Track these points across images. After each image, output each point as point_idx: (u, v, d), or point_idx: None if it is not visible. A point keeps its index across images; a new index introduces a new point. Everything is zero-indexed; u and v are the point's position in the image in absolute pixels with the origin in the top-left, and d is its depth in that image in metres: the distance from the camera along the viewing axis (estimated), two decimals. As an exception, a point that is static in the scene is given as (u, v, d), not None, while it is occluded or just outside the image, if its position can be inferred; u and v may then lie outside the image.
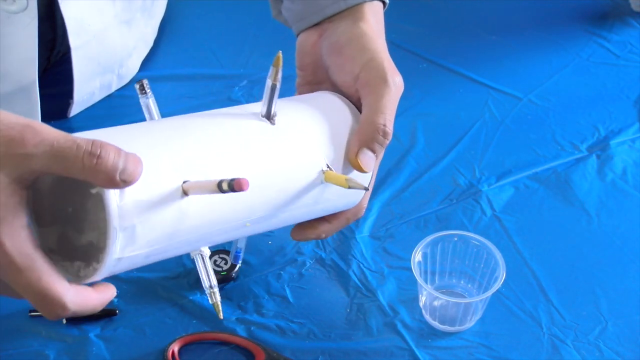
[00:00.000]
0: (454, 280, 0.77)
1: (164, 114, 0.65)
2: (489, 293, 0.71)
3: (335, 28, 0.70)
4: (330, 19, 0.70)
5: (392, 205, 0.84)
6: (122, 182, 0.49)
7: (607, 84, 0.99)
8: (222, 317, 0.64)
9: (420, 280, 0.71)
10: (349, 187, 0.62)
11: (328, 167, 0.63)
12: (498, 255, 0.73)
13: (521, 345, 0.73)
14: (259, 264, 0.79)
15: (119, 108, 0.93)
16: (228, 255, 0.77)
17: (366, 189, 0.63)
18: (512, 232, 0.82)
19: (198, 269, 0.64)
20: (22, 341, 0.72)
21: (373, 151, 0.65)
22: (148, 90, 0.63)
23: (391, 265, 0.79)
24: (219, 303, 0.64)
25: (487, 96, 0.97)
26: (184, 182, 0.54)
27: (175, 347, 0.71)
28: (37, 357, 0.71)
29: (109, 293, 0.56)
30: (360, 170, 0.65)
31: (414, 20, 1.07)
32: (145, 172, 0.51)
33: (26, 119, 0.49)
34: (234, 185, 0.52)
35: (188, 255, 0.79)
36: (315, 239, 0.72)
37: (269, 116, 0.62)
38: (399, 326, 0.74)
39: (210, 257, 0.77)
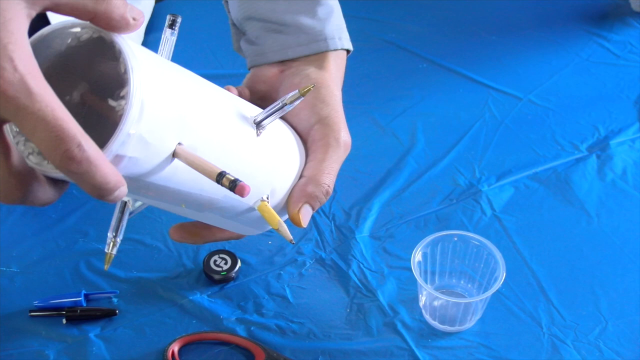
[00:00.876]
0: (454, 280, 0.77)
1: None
2: (489, 293, 0.71)
3: (299, 70, 0.70)
4: (293, 59, 0.71)
5: (392, 205, 0.84)
6: (132, 19, 0.47)
7: (607, 84, 0.99)
8: (106, 269, 0.60)
9: (420, 280, 0.71)
10: (277, 230, 0.63)
11: (267, 199, 0.64)
12: (498, 255, 0.73)
13: (521, 345, 0.73)
14: (259, 264, 0.79)
15: None
16: (228, 255, 0.77)
17: (293, 242, 0.65)
18: (512, 232, 0.82)
19: (115, 213, 0.61)
20: (22, 341, 0.72)
21: (313, 208, 0.66)
22: (176, 28, 0.61)
23: (391, 265, 0.79)
24: (112, 255, 0.60)
25: (487, 96, 0.97)
26: (179, 144, 0.53)
27: (175, 347, 0.71)
28: (37, 357, 0.71)
29: (122, 181, 0.48)
30: (299, 225, 0.66)
31: (414, 20, 1.07)
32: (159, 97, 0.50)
33: None
34: (236, 188, 0.52)
35: (188, 255, 0.79)
36: (192, 244, 0.72)
37: (258, 125, 0.61)
38: (399, 326, 0.74)
39: (210, 257, 0.77)
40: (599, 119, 0.94)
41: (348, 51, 0.73)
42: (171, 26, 0.61)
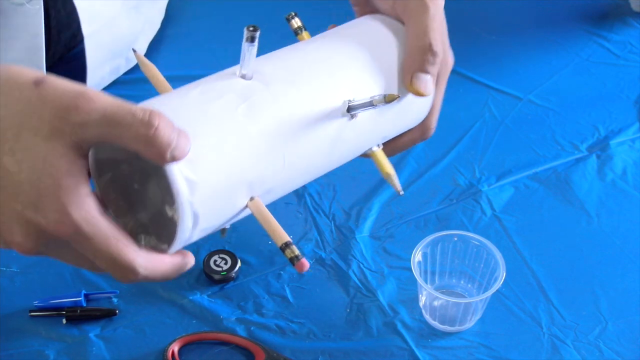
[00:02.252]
0: (454, 280, 0.77)
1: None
2: (489, 293, 0.71)
3: None
4: None
5: (392, 205, 0.84)
6: (171, 158, 0.48)
7: (607, 84, 0.99)
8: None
9: (420, 280, 0.71)
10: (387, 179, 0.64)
11: (379, 147, 0.65)
12: (498, 255, 0.73)
13: (521, 345, 0.73)
14: (259, 264, 0.79)
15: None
16: (228, 255, 0.77)
17: (401, 193, 0.64)
18: (512, 232, 0.82)
19: None
20: (22, 341, 0.72)
21: (426, 72, 0.64)
22: (256, 42, 0.57)
23: (391, 265, 0.79)
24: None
25: (487, 96, 0.97)
26: (250, 199, 0.56)
27: (175, 347, 0.71)
28: (37, 357, 0.71)
29: (184, 259, 0.54)
30: (420, 94, 0.64)
31: (414, 20, 1.07)
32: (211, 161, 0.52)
33: (78, 85, 0.47)
34: (296, 264, 0.55)
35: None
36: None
37: (350, 114, 0.61)
38: (399, 326, 0.74)
39: (210, 257, 0.77)
40: (599, 119, 0.94)
41: None
42: (251, 41, 0.57)
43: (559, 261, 0.79)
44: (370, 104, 0.60)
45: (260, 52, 0.59)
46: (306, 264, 0.55)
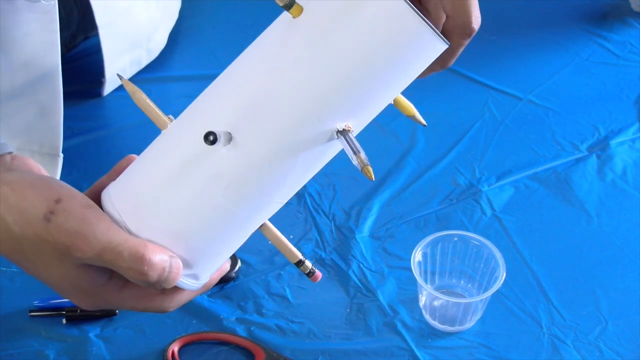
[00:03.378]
0: (454, 280, 0.77)
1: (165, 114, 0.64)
2: (489, 293, 0.71)
3: None
4: None
5: (392, 205, 0.84)
6: (160, 287, 0.55)
7: (607, 84, 0.99)
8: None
9: (420, 280, 0.71)
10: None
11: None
12: (498, 255, 0.73)
13: (521, 345, 0.73)
14: (259, 264, 0.79)
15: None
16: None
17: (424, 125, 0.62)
18: (512, 232, 0.82)
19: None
20: (22, 341, 0.72)
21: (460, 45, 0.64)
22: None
23: (391, 265, 0.79)
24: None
25: (487, 96, 0.97)
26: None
27: (175, 347, 0.71)
28: (37, 357, 0.71)
29: (206, 285, 0.61)
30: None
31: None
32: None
33: (82, 219, 0.53)
34: (312, 276, 0.60)
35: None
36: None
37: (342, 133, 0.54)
38: (399, 326, 0.74)
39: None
40: (599, 119, 0.94)
41: None
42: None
43: (559, 261, 0.79)
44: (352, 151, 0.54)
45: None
46: (319, 275, 0.60)
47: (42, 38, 0.79)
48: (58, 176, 0.84)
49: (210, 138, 0.50)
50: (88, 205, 0.55)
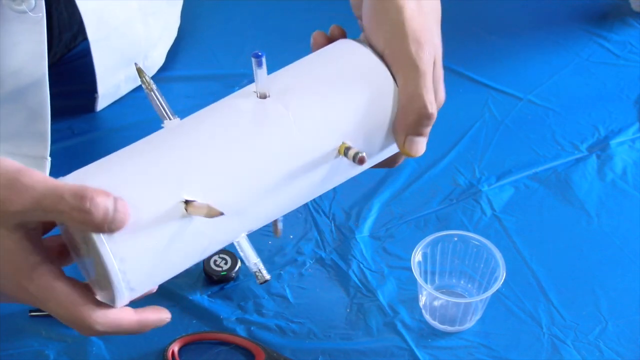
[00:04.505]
0: (454, 280, 0.77)
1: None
2: (489, 293, 0.71)
3: None
4: None
5: (392, 205, 0.84)
6: (109, 230, 0.51)
7: (607, 84, 0.99)
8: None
9: (420, 280, 0.71)
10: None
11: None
12: (498, 255, 0.73)
13: (521, 345, 0.73)
14: (259, 264, 0.79)
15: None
16: (228, 255, 0.77)
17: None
18: (512, 232, 0.82)
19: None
20: (22, 341, 0.72)
21: (420, 135, 0.62)
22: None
23: (391, 265, 0.79)
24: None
25: (487, 96, 0.97)
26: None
27: (175, 347, 0.71)
28: (37, 357, 0.71)
29: (157, 315, 0.58)
30: (412, 155, 0.62)
31: (414, 20, 1.07)
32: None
33: (13, 167, 0.51)
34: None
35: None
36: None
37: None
38: (399, 326, 0.74)
39: (210, 257, 0.77)
40: (599, 119, 0.94)
41: None
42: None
43: (559, 261, 0.79)
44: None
45: (263, 50, 0.59)
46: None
47: (30, 48, 0.80)
48: None
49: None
50: (20, 164, 0.53)
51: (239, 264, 0.77)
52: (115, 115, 0.93)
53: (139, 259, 0.54)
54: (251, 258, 0.60)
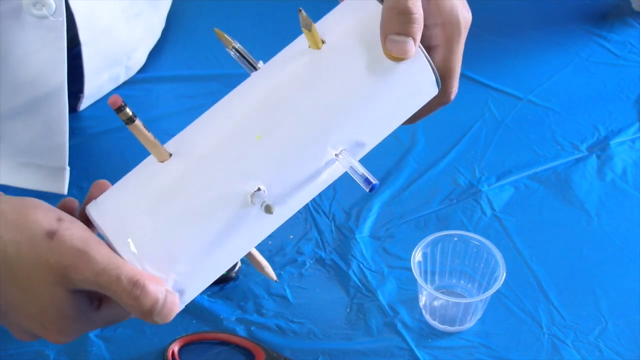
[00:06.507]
0: (454, 280, 0.77)
1: (164, 114, 0.65)
2: (489, 293, 0.71)
3: None
4: None
5: (392, 205, 0.84)
6: (154, 321, 0.54)
7: (607, 84, 0.99)
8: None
9: (420, 280, 0.71)
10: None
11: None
12: (498, 255, 0.73)
13: (521, 345, 0.73)
14: (259, 264, 0.79)
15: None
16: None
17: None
18: (512, 232, 0.82)
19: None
20: (22, 341, 0.72)
21: (400, 33, 0.58)
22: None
23: (391, 265, 0.79)
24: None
25: (487, 96, 0.97)
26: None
27: (175, 347, 0.71)
28: (37, 357, 0.71)
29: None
30: (396, 58, 0.58)
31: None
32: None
33: (85, 239, 0.53)
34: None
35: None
36: None
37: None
38: (399, 326, 0.74)
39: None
40: (599, 119, 0.94)
41: None
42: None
43: (559, 261, 0.79)
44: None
45: (263, 50, 0.59)
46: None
47: (48, 56, 0.79)
48: (65, 189, 0.84)
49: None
50: (87, 228, 0.55)
51: (239, 264, 0.77)
52: (97, 114, 0.93)
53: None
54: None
